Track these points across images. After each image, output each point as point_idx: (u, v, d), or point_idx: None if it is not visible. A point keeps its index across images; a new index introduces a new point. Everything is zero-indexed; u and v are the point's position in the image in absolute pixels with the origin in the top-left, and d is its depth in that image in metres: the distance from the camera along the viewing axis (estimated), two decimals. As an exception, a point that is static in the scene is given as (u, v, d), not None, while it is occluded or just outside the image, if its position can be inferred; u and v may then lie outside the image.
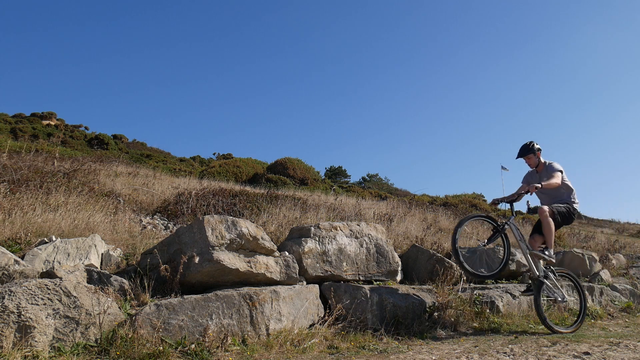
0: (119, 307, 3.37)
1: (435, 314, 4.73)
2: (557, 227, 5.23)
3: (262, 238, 4.30)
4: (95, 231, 4.77)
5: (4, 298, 2.84)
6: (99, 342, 3.05)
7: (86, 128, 29.60)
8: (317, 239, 4.82)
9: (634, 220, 31.57)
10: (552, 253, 4.98)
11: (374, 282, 5.10)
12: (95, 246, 4.24)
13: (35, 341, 2.82)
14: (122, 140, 28.32)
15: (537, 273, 5.00)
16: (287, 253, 4.53)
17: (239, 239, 4.13)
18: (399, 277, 5.59)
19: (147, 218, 6.29)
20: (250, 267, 4.10)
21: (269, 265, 4.25)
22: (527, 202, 5.31)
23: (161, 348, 3.04)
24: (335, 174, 29.95)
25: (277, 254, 4.41)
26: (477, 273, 4.78)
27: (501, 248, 5.47)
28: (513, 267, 6.52)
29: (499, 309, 5.34)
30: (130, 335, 3.05)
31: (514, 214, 5.16)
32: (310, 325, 4.15)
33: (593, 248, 10.80)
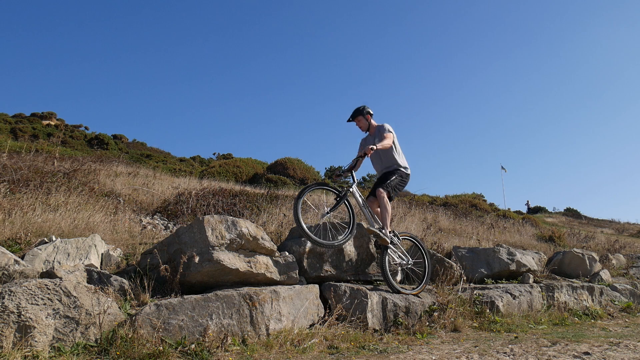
0: (119, 307, 3.37)
1: (435, 314, 4.73)
2: (393, 198, 5.32)
3: (262, 238, 4.30)
4: (95, 231, 4.77)
5: (4, 298, 2.84)
6: (99, 342, 3.05)
7: (86, 128, 29.63)
8: (317, 239, 4.81)
9: (634, 220, 31.62)
10: (388, 232, 5.02)
11: (374, 282, 5.10)
12: (95, 246, 4.24)
13: (35, 341, 2.82)
14: (122, 140, 28.32)
15: (388, 236, 5.01)
16: (287, 253, 4.53)
17: (239, 239, 4.13)
18: (399, 277, 5.59)
19: (147, 218, 6.29)
20: (250, 267, 4.10)
21: (269, 265, 4.24)
22: (527, 202, 5.33)
23: (161, 348, 3.04)
24: (335, 175, 29.90)
25: (277, 254, 4.41)
26: (324, 242, 4.56)
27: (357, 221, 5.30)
28: (513, 267, 6.53)
29: (499, 309, 5.34)
30: (130, 335, 3.05)
31: (355, 181, 5.06)
32: (310, 325, 4.15)
33: (593, 248, 10.81)
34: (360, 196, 5.01)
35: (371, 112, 5.37)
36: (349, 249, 5.02)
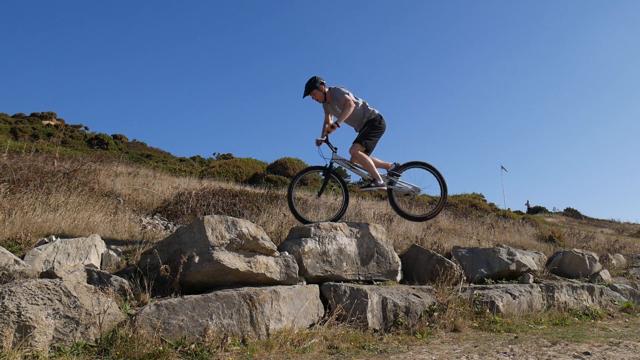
0: (119, 307, 3.37)
1: (435, 314, 4.73)
2: (373, 147, 5.44)
3: (262, 238, 4.29)
4: (95, 231, 4.77)
5: (4, 298, 2.84)
6: (99, 342, 3.05)
7: (86, 128, 29.61)
8: (317, 239, 4.82)
9: (634, 220, 31.63)
10: (379, 182, 5.24)
11: (374, 282, 5.10)
12: (95, 246, 4.24)
13: (35, 341, 2.82)
14: (122, 140, 28.31)
15: (383, 184, 5.33)
16: (287, 253, 4.52)
17: (239, 239, 4.13)
18: (399, 277, 5.59)
19: (147, 218, 6.28)
20: (250, 267, 4.10)
21: (269, 265, 4.24)
22: (527, 202, 5.41)
23: (161, 348, 3.04)
24: (335, 174, 29.86)
25: (277, 254, 4.41)
26: (313, 221, 4.86)
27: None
28: (513, 267, 6.53)
29: (499, 309, 5.34)
30: (130, 335, 3.05)
31: (333, 150, 5.31)
32: (310, 325, 4.15)
33: (593, 248, 10.80)
34: (342, 160, 5.29)
35: (323, 82, 5.39)
36: (349, 248, 5.02)
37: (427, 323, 4.62)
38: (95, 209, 5.53)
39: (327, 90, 5.42)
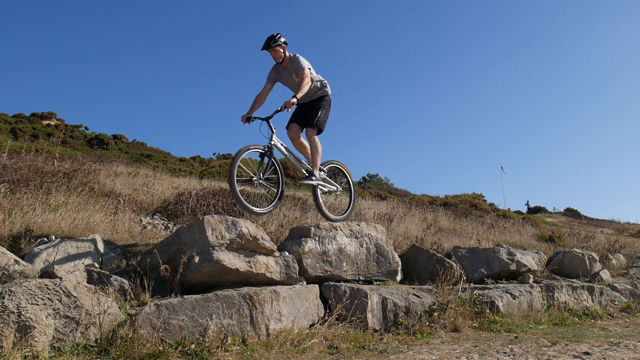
0: (119, 307, 3.37)
1: (435, 314, 4.73)
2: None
3: (262, 238, 4.29)
4: (95, 231, 4.77)
5: (4, 298, 2.84)
6: (99, 342, 3.05)
7: (86, 128, 29.59)
8: (317, 239, 4.82)
9: (634, 220, 31.63)
10: (317, 174, 4.95)
11: (374, 282, 5.10)
12: (96, 246, 4.24)
13: (35, 341, 2.82)
14: (122, 140, 28.29)
15: (314, 182, 5.03)
16: (287, 253, 4.52)
17: (239, 239, 4.13)
18: (399, 277, 5.59)
19: (147, 218, 6.28)
20: (250, 267, 4.10)
21: (269, 265, 4.24)
22: (527, 202, 5.35)
23: (161, 348, 3.04)
24: (335, 174, 29.89)
25: (277, 254, 4.41)
26: (254, 210, 4.47)
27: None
28: (513, 267, 6.53)
29: (499, 309, 5.34)
30: (130, 335, 3.04)
31: (273, 131, 4.77)
32: (310, 325, 4.15)
33: (593, 248, 10.80)
34: (282, 145, 4.82)
35: (286, 42, 4.95)
36: (349, 248, 5.02)
37: (427, 323, 4.62)
38: (95, 209, 5.53)
39: (287, 53, 4.94)
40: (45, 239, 4.19)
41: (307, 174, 5.01)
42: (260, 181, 4.59)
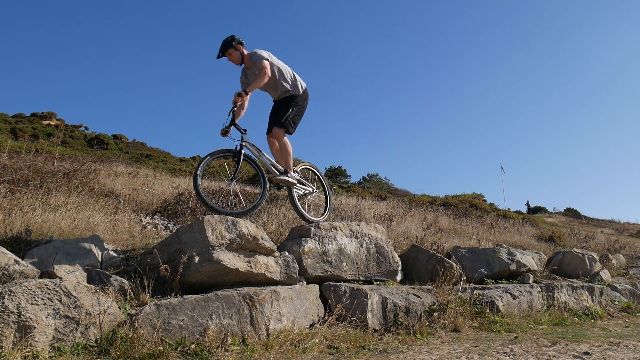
0: (119, 307, 3.37)
1: (435, 314, 4.73)
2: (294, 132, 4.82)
3: (262, 238, 4.29)
4: (95, 231, 4.77)
5: (4, 298, 2.84)
6: (99, 342, 3.05)
7: (86, 128, 29.59)
8: (317, 239, 4.82)
9: (634, 220, 31.67)
10: (293, 173, 4.73)
11: (374, 282, 5.10)
12: (95, 246, 4.24)
13: (35, 341, 2.82)
14: (122, 140, 28.28)
15: (295, 177, 4.85)
16: (287, 253, 4.52)
17: (239, 239, 4.13)
18: (399, 277, 5.59)
19: (147, 218, 6.29)
20: (250, 267, 4.10)
21: (269, 265, 4.24)
22: (527, 202, 5.32)
23: (161, 348, 3.04)
24: (335, 174, 29.92)
25: (277, 254, 4.41)
26: (226, 211, 4.34)
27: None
28: (513, 267, 6.53)
29: (499, 309, 5.34)
30: (130, 335, 3.04)
31: (242, 132, 4.60)
32: (310, 325, 4.15)
33: (593, 248, 10.80)
34: (252, 146, 4.66)
35: (242, 42, 4.70)
36: (349, 248, 5.02)
37: (427, 323, 4.62)
38: (95, 209, 5.53)
39: (245, 52, 4.71)
40: (46, 239, 4.19)
41: (282, 170, 4.82)
42: (233, 182, 4.52)
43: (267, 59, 4.61)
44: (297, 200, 4.93)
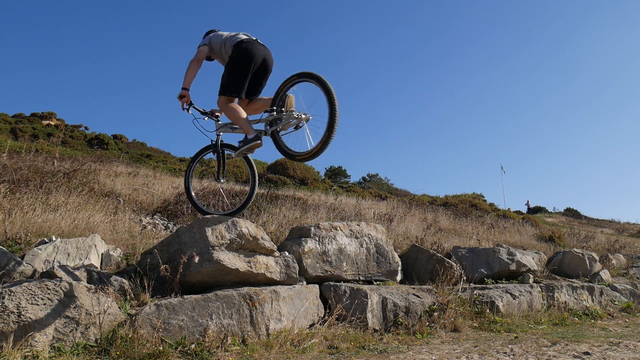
0: (119, 307, 3.37)
1: (435, 314, 4.73)
2: (242, 90, 4.23)
3: (262, 238, 4.29)
4: (95, 231, 4.77)
5: (4, 298, 2.84)
6: (99, 342, 3.05)
7: (86, 128, 29.59)
8: (317, 239, 4.82)
9: (634, 220, 31.67)
10: (249, 136, 4.04)
11: (374, 282, 5.10)
12: (95, 246, 4.24)
13: (35, 341, 2.82)
14: (122, 140, 28.28)
15: (256, 137, 4.06)
16: (287, 253, 4.52)
17: (239, 239, 4.12)
18: (399, 277, 5.59)
19: (147, 218, 6.29)
20: (250, 267, 4.10)
21: (269, 265, 4.24)
22: (527, 202, 5.29)
23: (161, 348, 3.04)
24: (335, 174, 29.91)
25: (277, 254, 4.41)
26: (216, 212, 4.19)
27: None
28: (513, 267, 6.53)
29: (499, 309, 5.34)
30: (130, 335, 3.05)
31: (217, 119, 4.39)
32: (310, 325, 4.15)
33: (593, 248, 10.80)
34: (224, 125, 4.41)
35: (204, 41, 4.44)
36: (349, 248, 5.02)
37: (427, 323, 4.62)
38: (95, 209, 5.53)
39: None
40: (45, 239, 4.19)
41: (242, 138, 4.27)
42: (222, 180, 4.43)
43: (206, 44, 4.32)
44: (281, 142, 4.18)
